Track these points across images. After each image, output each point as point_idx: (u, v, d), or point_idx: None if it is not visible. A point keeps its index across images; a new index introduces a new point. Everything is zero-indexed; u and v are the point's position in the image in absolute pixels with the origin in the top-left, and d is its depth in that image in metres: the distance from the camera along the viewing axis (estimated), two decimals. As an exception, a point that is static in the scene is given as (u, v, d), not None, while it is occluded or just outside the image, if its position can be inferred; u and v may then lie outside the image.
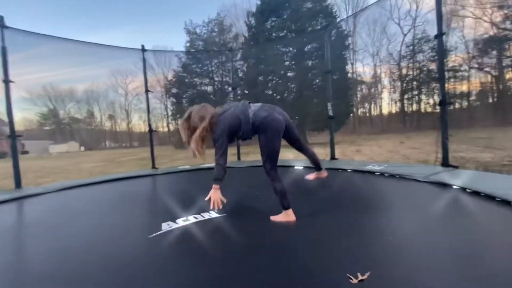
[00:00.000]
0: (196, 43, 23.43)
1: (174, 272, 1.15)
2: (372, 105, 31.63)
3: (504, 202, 1.71)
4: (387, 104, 30.11)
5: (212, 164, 1.85)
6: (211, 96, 23.46)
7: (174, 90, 22.27)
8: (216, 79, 23.83)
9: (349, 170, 3.34)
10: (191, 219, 1.87)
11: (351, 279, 0.97)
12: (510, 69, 20.07)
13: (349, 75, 19.08)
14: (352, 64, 26.10)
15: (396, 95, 27.62)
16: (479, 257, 1.10)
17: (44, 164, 13.26)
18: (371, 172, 3.08)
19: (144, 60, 4.39)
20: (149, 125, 4.51)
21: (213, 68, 23.13)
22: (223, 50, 19.10)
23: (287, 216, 1.81)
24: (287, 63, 16.54)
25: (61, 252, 1.41)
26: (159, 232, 1.61)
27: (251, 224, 1.81)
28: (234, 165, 4.41)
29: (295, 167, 3.86)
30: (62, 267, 1.23)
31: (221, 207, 1.77)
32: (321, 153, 8.58)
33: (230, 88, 23.31)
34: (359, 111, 31.38)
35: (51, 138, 40.49)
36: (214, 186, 1.80)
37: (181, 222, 1.80)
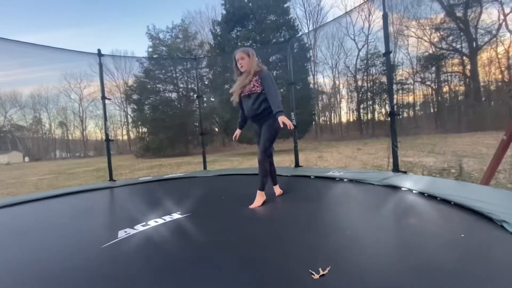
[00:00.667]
0: (159, 49, 22.75)
1: (127, 281, 1.09)
2: (332, 114, 33.64)
3: (444, 201, 1.95)
4: (345, 113, 32.27)
5: (174, 175, 1.85)
6: (176, 103, 22.81)
7: (135, 96, 21.19)
8: (180, 85, 23.28)
9: (312, 177, 3.49)
10: (152, 223, 1.83)
11: (313, 274, 1.02)
12: (446, 83, 23.04)
13: (311, 85, 20.14)
14: (313, 75, 27.62)
15: (353, 105, 29.80)
16: (421, 248, 1.23)
17: (-24, 178, 11.52)
18: (332, 178, 3.25)
19: (100, 65, 4.11)
20: (106, 134, 4.20)
21: (178, 75, 22.62)
22: (188, 57, 18.80)
23: (261, 196, 2.20)
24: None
25: (5, 271, 1.24)
26: (115, 240, 1.56)
27: (214, 223, 1.86)
28: (201, 175, 4.32)
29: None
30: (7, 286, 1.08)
31: None
32: (286, 160, 8.88)
33: (195, 96, 22.99)
34: (321, 119, 33.12)
35: (-13, 148, 35.47)
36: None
37: (140, 227, 1.75)
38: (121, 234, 1.65)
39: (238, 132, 2.60)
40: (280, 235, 1.54)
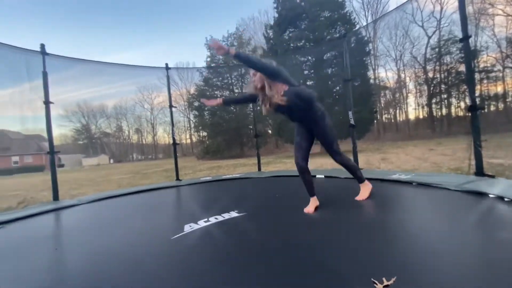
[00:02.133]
0: (216, 58, 24.25)
1: (193, 269, 1.21)
2: (397, 111, 30.47)
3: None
4: (413, 109, 28.85)
5: (230, 176, 1.96)
6: (232, 108, 23.97)
7: (196, 103, 23.06)
8: (236, 90, 24.37)
9: (374, 180, 3.22)
10: (212, 219, 1.97)
11: (376, 284, 0.94)
12: (551, 66, 18.53)
13: (371, 81, 18.61)
14: (374, 69, 25.53)
15: (423, 100, 26.40)
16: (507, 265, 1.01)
17: (77, 176, 14.16)
18: (398, 182, 2.94)
19: (168, 78, 4.64)
20: (173, 139, 4.70)
21: (233, 81, 23.73)
22: (242, 65, 19.55)
23: (367, 187, 2.29)
24: (306, 72, 16.53)
25: (95, 256, 1.50)
26: (182, 233, 1.72)
27: (270, 224, 1.89)
28: (255, 176, 4.43)
29: (317, 176, 3.80)
30: (96, 268, 1.31)
31: None
32: (344, 162, 8.41)
33: (249, 99, 23.76)
34: (384, 117, 30.33)
35: (84, 151, 43.32)
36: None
37: (202, 223, 1.90)
38: (187, 228, 1.81)
39: (219, 101, 2.31)
40: (339, 240, 1.47)
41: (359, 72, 13.97)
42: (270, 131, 22.80)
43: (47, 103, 3.45)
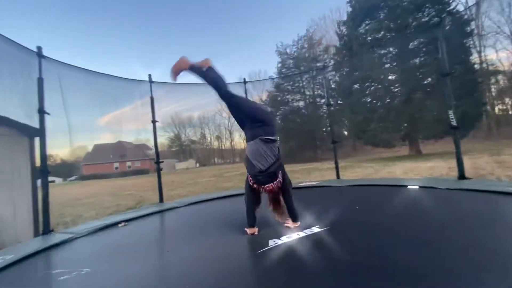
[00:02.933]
0: (287, 63, 24.50)
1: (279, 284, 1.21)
2: (518, 100, 23.83)
3: None
4: (544, 95, 21.99)
5: (308, 183, 1.92)
6: (303, 111, 23.68)
7: (268, 109, 23.81)
8: (307, 93, 23.99)
9: (486, 192, 2.60)
10: (294, 236, 1.94)
11: None
12: None
13: (476, 66, 15.21)
14: (479, 52, 20.86)
15: (561, 82, 19.84)
16: None
17: (172, 178, 16.55)
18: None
19: (245, 91, 4.98)
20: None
21: (304, 83, 23.46)
22: (316, 67, 19.08)
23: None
24: (387, 65, 14.87)
25: (189, 261, 1.70)
26: (266, 248, 1.75)
27: (355, 241, 1.78)
28: (335, 184, 4.23)
29: (409, 187, 3.34)
30: (190, 273, 1.49)
31: None
32: (442, 166, 7.12)
33: (322, 101, 22.96)
34: (496, 109, 24.27)
35: (176, 157, 50.42)
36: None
37: (285, 239, 1.89)
38: (271, 243, 1.83)
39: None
40: (441, 266, 1.24)
41: (459, 59, 11.59)
42: (346, 133, 21.42)
43: (154, 122, 4.20)
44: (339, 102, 17.83)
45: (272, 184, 2.01)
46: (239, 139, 51.01)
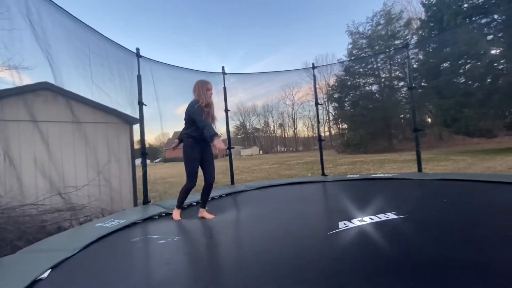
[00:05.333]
0: (359, 43, 22.43)
1: (350, 266, 1.25)
2: None
3: None
4: None
5: (382, 175, 1.82)
6: (377, 95, 21.50)
7: (336, 95, 22.46)
8: (382, 75, 21.60)
9: None
10: (367, 219, 1.91)
11: None
12: None
13: None
14: None
15: None
16: None
17: (238, 164, 17.57)
18: None
19: (314, 77, 4.81)
20: (319, 135, 4.86)
21: (379, 65, 21.14)
22: (394, 46, 16.87)
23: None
24: (489, 37, 12.03)
25: (260, 241, 1.82)
26: (337, 230, 1.76)
27: (433, 229, 1.66)
28: (416, 177, 3.78)
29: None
30: (267, 249, 1.60)
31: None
32: None
33: (401, 84, 20.29)
34: None
35: (242, 144, 53.11)
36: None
37: (356, 222, 1.87)
38: (341, 225, 1.84)
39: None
40: None
41: None
42: (429, 120, 18.59)
43: (226, 110, 4.52)
44: (422, 84, 15.46)
45: None
46: (302, 127, 50.17)
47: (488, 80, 12.04)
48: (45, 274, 1.38)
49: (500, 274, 1.12)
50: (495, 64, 12.07)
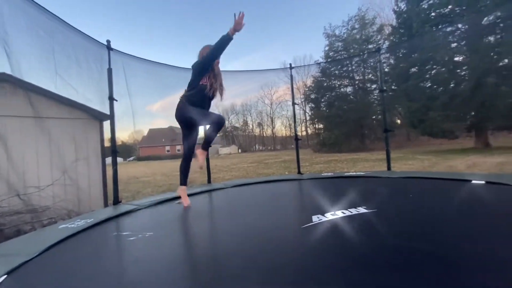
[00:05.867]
0: (335, 45, 23.13)
1: (323, 258, 1.28)
2: None
3: None
4: None
5: (355, 173, 1.91)
6: (351, 97, 22.34)
7: (313, 96, 23.01)
8: (356, 78, 22.48)
9: None
10: (339, 213, 1.98)
11: None
12: None
13: None
14: None
15: None
16: None
17: (216, 162, 17.41)
18: None
19: (291, 77, 4.88)
20: (296, 135, 4.95)
21: (353, 67, 21.97)
22: (367, 49, 17.64)
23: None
24: (453, 45, 13.01)
25: (236, 234, 1.83)
26: (310, 224, 1.81)
27: (403, 224, 1.76)
28: (385, 175, 3.99)
29: (473, 182, 2.98)
30: (240, 247, 1.60)
31: None
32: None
33: (373, 87, 21.27)
34: None
35: (220, 142, 52.62)
36: None
37: (329, 216, 1.94)
38: (315, 219, 1.89)
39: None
40: (499, 260, 1.12)
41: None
42: (399, 121, 19.68)
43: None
44: (393, 87, 16.33)
45: None
46: (280, 126, 50.90)
47: (451, 85, 13.02)
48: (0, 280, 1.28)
49: (455, 263, 1.22)
50: (457, 70, 13.08)
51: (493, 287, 1.02)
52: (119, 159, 3.84)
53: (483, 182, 2.92)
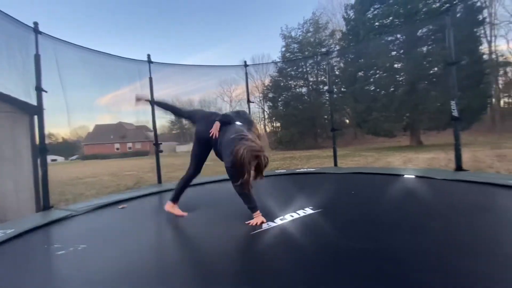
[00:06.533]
0: (291, 47, 23.91)
1: (269, 263, 1.26)
2: (524, 93, 23.42)
3: None
4: (552, 89, 21.58)
5: (305, 169, 1.95)
6: (305, 97, 23.39)
7: (270, 95, 23.49)
8: (310, 79, 23.58)
9: (481, 184, 2.63)
10: (288, 217, 2.00)
11: None
12: None
13: (485, 57, 14.82)
14: (489, 42, 20.31)
15: None
16: None
17: (172, 161, 16.62)
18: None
19: (246, 75, 4.89)
20: (251, 132, 4.98)
21: (308, 69, 23.01)
22: (320, 52, 18.61)
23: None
24: (393, 53, 14.52)
25: (188, 241, 1.76)
26: (260, 230, 1.79)
27: (348, 225, 1.83)
28: (332, 171, 4.26)
29: (405, 176, 3.36)
30: (187, 251, 1.55)
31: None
32: (442, 158, 7.12)
33: (325, 88, 22.61)
34: (502, 101, 23.94)
35: (177, 139, 50.51)
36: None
37: (278, 221, 1.94)
38: (265, 225, 1.87)
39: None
40: (431, 252, 1.28)
41: (467, 48, 11.33)
42: (347, 121, 21.30)
43: (152, 103, 4.17)
44: (342, 89, 17.57)
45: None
46: (240, 124, 50.96)
47: (391, 89, 14.53)
48: None
49: (391, 258, 1.34)
50: (397, 76, 14.64)
51: (423, 277, 1.14)
52: (60, 158, 3.39)
53: (413, 176, 3.32)
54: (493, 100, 19.71)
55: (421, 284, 1.04)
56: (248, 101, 4.95)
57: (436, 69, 12.81)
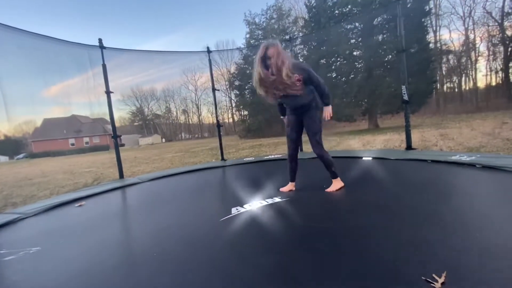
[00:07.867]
0: (255, 33, 23.64)
1: (238, 249, 1.29)
2: (463, 78, 26.41)
3: None
4: (484, 75, 24.64)
5: (272, 156, 2.02)
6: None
7: (237, 83, 23.20)
8: (276, 66, 23.64)
9: (428, 161, 2.95)
10: (257, 204, 2.05)
11: (432, 283, 0.88)
12: None
13: (431, 45, 16.22)
14: (435, 31, 22.21)
15: (497, 63, 22.32)
16: None
17: (135, 154, 15.81)
18: (458, 164, 2.64)
19: (210, 61, 4.72)
20: (217, 121, 4.88)
21: (273, 56, 23.03)
22: (283, 39, 18.75)
23: (339, 183, 2.27)
24: (352, 41, 15.14)
25: (154, 232, 1.71)
26: (229, 216, 1.83)
27: (312, 209, 1.92)
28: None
29: (364, 158, 3.62)
30: (154, 243, 1.50)
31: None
32: (396, 139, 7.77)
33: (290, 75, 22.95)
34: (445, 86, 26.67)
35: (140, 132, 47.84)
36: None
37: (247, 207, 1.99)
38: (234, 211, 1.92)
39: (286, 120, 2.51)
40: (385, 228, 1.41)
41: (416, 37, 12.26)
42: (312, 108, 22.01)
43: (108, 92, 3.86)
44: (306, 76, 17.96)
45: None
46: (207, 113, 49.74)
47: (351, 76, 15.25)
48: None
49: (345, 234, 1.44)
50: (356, 63, 15.36)
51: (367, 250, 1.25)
52: (3, 158, 3.00)
53: (370, 158, 3.58)
54: (438, 85, 21.83)
55: (374, 254, 1.15)
56: (213, 89, 4.83)
57: (390, 56, 13.70)
